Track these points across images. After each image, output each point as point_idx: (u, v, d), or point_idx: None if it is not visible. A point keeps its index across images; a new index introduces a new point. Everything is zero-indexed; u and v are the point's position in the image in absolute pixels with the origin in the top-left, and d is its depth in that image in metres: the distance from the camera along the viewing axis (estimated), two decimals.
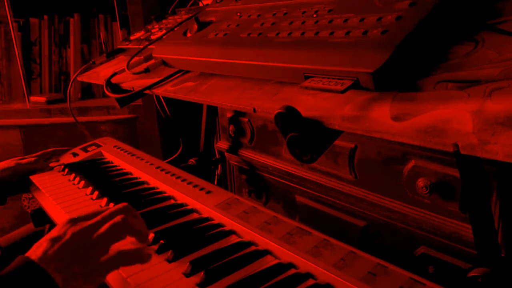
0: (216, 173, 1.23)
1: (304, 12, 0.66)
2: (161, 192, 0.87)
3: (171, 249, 0.63)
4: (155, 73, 0.91)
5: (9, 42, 1.96)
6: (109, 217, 0.59)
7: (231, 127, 1.09)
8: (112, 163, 1.08)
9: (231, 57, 0.69)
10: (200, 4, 1.27)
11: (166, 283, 0.57)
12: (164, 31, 1.03)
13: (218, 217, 0.73)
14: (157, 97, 1.36)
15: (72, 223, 0.57)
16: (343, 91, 0.50)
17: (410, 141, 0.43)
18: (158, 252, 0.64)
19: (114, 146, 1.15)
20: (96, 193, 0.86)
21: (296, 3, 0.70)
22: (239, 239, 0.67)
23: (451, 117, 0.42)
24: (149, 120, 1.65)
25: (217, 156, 1.18)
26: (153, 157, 1.03)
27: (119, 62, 1.20)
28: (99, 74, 1.18)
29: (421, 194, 0.67)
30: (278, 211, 0.88)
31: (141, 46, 1.02)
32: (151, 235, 0.67)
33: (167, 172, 0.92)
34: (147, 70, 0.89)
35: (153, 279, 0.58)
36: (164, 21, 1.17)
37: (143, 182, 0.94)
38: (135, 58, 0.96)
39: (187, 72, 0.89)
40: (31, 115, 1.83)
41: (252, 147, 1.04)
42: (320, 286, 0.54)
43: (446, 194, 0.64)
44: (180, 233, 0.70)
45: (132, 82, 0.97)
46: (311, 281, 0.55)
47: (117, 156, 1.08)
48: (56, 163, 1.09)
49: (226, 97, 0.71)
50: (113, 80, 1.02)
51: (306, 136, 0.53)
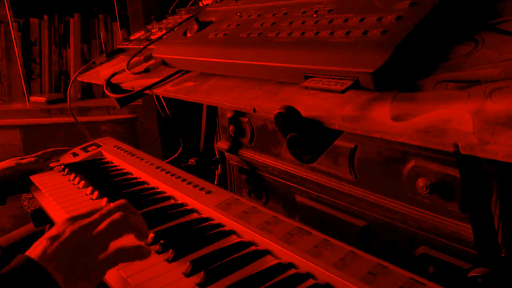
0: (216, 173, 1.23)
1: (304, 12, 0.66)
2: (161, 192, 0.87)
3: (171, 249, 0.63)
4: (155, 73, 0.91)
5: (9, 42, 1.96)
6: (107, 215, 0.59)
7: (231, 127, 1.09)
8: (112, 163, 1.08)
9: (231, 57, 0.69)
10: (200, 4, 1.27)
11: (166, 283, 0.57)
12: (164, 31, 1.04)
13: (218, 217, 0.73)
14: (157, 97, 1.36)
15: (70, 222, 0.57)
16: (343, 91, 0.50)
17: (410, 141, 0.43)
18: (158, 252, 0.64)
19: (114, 146, 1.15)
20: (96, 193, 0.86)
21: (296, 3, 0.70)
22: (239, 239, 0.67)
23: (451, 117, 0.42)
24: (149, 120, 1.65)
25: (217, 156, 1.18)
26: (153, 157, 1.03)
27: (119, 62, 1.20)
28: (99, 74, 1.18)
29: (421, 194, 0.67)
30: (278, 211, 0.88)
31: (141, 46, 1.02)
32: (151, 235, 0.67)
33: (167, 172, 0.92)
34: (147, 70, 0.89)
35: (153, 279, 0.58)
36: (164, 21, 1.17)
37: (143, 182, 0.94)
38: (135, 58, 0.96)
39: (187, 72, 0.89)
40: (31, 115, 1.83)
41: (252, 147, 1.04)
42: (320, 286, 0.54)
43: (446, 194, 0.64)
44: (180, 233, 0.70)
45: (132, 82, 0.97)
46: (311, 281, 0.55)
47: (117, 156, 1.08)
48: (56, 163, 1.09)
49: (226, 97, 0.71)
50: (113, 80, 1.02)
51: (306, 136, 0.53)
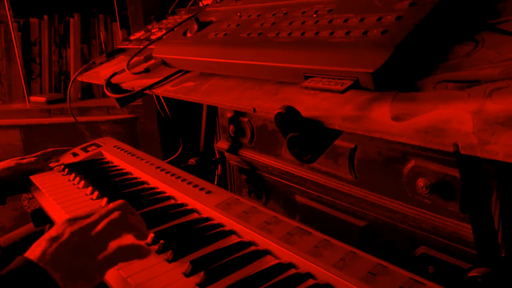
0: (216, 173, 1.23)
1: (304, 12, 0.66)
2: (161, 192, 0.87)
3: (171, 249, 0.63)
4: (155, 73, 0.91)
5: (9, 42, 1.96)
6: (106, 215, 0.59)
7: (231, 127, 1.09)
8: (112, 163, 1.08)
9: (231, 57, 0.69)
10: (200, 4, 1.27)
11: (166, 283, 0.57)
12: (164, 31, 1.03)
13: (218, 217, 0.73)
14: (157, 97, 1.36)
15: (69, 222, 0.57)
16: (343, 91, 0.50)
17: (410, 141, 0.43)
18: (158, 252, 0.64)
19: (114, 146, 1.15)
20: (96, 193, 0.86)
21: (296, 3, 0.70)
22: (239, 239, 0.67)
23: (451, 117, 0.42)
24: (149, 120, 1.65)
25: (217, 156, 1.18)
26: (153, 157, 1.03)
27: (119, 62, 1.20)
28: (99, 74, 1.18)
29: (421, 194, 0.67)
30: (278, 211, 0.88)
31: (141, 46, 1.02)
32: (151, 235, 0.67)
33: (167, 172, 0.92)
34: (147, 70, 0.89)
35: (153, 279, 0.58)
36: (164, 21, 1.17)
37: (143, 182, 0.94)
38: (135, 58, 0.96)
39: (187, 72, 0.89)
40: (31, 115, 1.83)
41: (252, 147, 1.04)
42: (320, 286, 0.54)
43: (446, 194, 0.64)
44: (180, 233, 0.70)
45: (132, 82, 0.97)
46: (311, 281, 0.55)
47: (117, 156, 1.08)
48: (56, 163, 1.09)
49: (226, 97, 0.71)
50: (113, 80, 1.02)
51: (306, 136, 0.53)
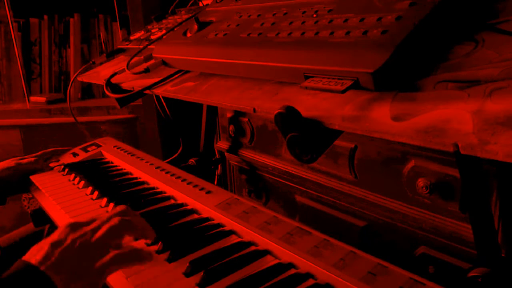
0: (216, 173, 1.23)
1: (304, 12, 0.66)
2: (161, 192, 0.87)
3: (171, 249, 0.63)
4: (155, 73, 0.91)
5: (9, 42, 1.96)
6: (106, 221, 0.60)
7: (231, 127, 1.08)
8: (112, 163, 1.08)
9: (231, 57, 0.69)
10: (200, 4, 1.27)
11: (166, 283, 0.57)
12: (164, 31, 1.03)
13: (218, 217, 0.73)
14: (157, 97, 1.36)
15: (71, 228, 0.57)
16: (343, 91, 0.50)
17: (410, 141, 0.43)
18: (158, 252, 0.64)
19: (114, 146, 1.15)
20: (96, 193, 0.86)
21: (296, 3, 0.70)
22: (239, 239, 0.67)
23: (451, 117, 0.42)
24: (149, 120, 1.65)
25: (217, 156, 1.18)
26: (153, 157, 1.03)
27: (119, 62, 1.20)
28: (99, 74, 1.18)
29: (421, 194, 0.67)
30: (278, 211, 0.88)
31: (141, 46, 1.02)
32: None
33: (167, 172, 0.92)
34: (147, 70, 0.89)
35: (153, 279, 0.58)
36: (164, 21, 1.17)
37: (143, 182, 0.94)
38: (135, 58, 0.96)
39: (187, 72, 0.89)
40: (31, 115, 1.83)
41: (252, 147, 1.04)
42: (320, 286, 0.54)
43: (446, 194, 0.64)
44: (180, 233, 0.70)
45: (132, 82, 0.97)
46: (311, 281, 0.55)
47: (117, 156, 1.08)
48: (56, 163, 1.10)
49: (226, 97, 0.71)
50: (113, 80, 1.02)
51: (306, 136, 0.53)
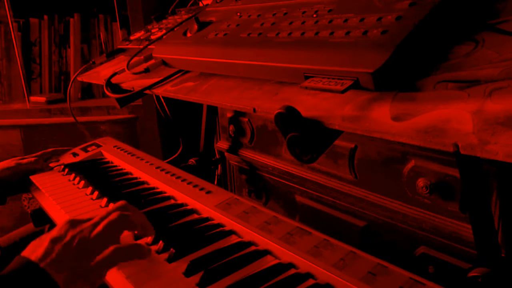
0: (216, 173, 1.23)
1: (304, 12, 0.66)
2: (161, 192, 0.87)
3: (171, 249, 0.63)
4: (155, 73, 0.91)
5: (9, 42, 1.96)
6: (105, 216, 0.60)
7: (231, 127, 1.08)
8: (112, 163, 1.08)
9: (231, 57, 0.69)
10: (200, 4, 1.27)
11: (166, 283, 0.57)
12: (164, 31, 1.03)
13: (218, 217, 0.73)
14: (157, 97, 1.36)
15: (71, 224, 0.57)
16: (343, 91, 0.50)
17: (410, 141, 0.43)
18: (158, 252, 0.64)
19: (114, 146, 1.15)
20: (96, 193, 0.86)
21: (296, 3, 0.70)
22: (239, 239, 0.67)
23: (451, 117, 0.42)
24: (149, 120, 1.65)
25: (217, 156, 1.18)
26: (153, 157, 1.03)
27: (119, 62, 1.20)
28: (99, 74, 1.18)
29: (421, 194, 0.67)
30: (278, 211, 0.88)
31: (141, 46, 1.02)
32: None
33: (167, 172, 0.92)
34: (147, 70, 0.89)
35: (153, 279, 0.58)
36: (164, 21, 1.17)
37: (143, 182, 0.94)
38: (135, 58, 0.96)
39: (187, 72, 0.89)
40: (31, 115, 1.83)
41: (252, 147, 1.04)
42: (320, 286, 0.54)
43: (446, 194, 0.64)
44: (180, 233, 0.70)
45: (132, 82, 0.97)
46: (311, 281, 0.55)
47: (117, 156, 1.08)
48: (56, 163, 1.09)
49: (226, 97, 0.71)
50: (113, 80, 1.02)
51: (306, 136, 0.53)
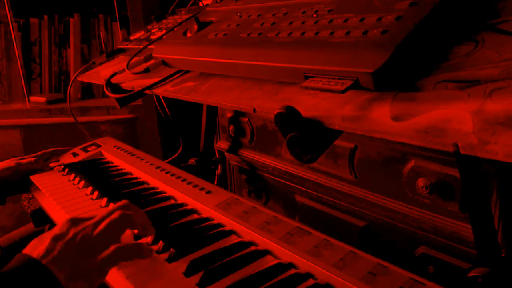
0: (216, 173, 1.23)
1: (304, 12, 0.66)
2: (161, 192, 0.87)
3: (171, 249, 0.63)
4: (155, 73, 0.91)
5: (9, 42, 1.96)
6: (107, 215, 0.60)
7: (231, 127, 1.08)
8: (112, 163, 1.08)
9: (231, 57, 0.69)
10: (200, 4, 1.27)
11: (166, 283, 0.57)
12: (164, 31, 1.03)
13: (218, 217, 0.73)
14: (157, 97, 1.36)
15: (72, 222, 0.57)
16: (343, 91, 0.50)
17: (410, 141, 0.43)
18: (158, 252, 0.64)
19: (114, 146, 1.15)
20: (96, 193, 0.86)
21: (296, 3, 0.70)
22: (239, 239, 0.67)
23: (451, 117, 0.42)
24: (149, 120, 1.65)
25: (217, 156, 1.18)
26: (153, 157, 1.03)
27: (119, 62, 1.20)
28: (99, 74, 1.18)
29: (421, 194, 0.67)
30: (278, 211, 0.88)
31: (141, 46, 1.02)
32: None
33: (167, 172, 0.92)
34: (147, 70, 0.89)
35: (153, 279, 0.58)
36: (164, 21, 1.17)
37: (143, 182, 0.94)
38: (135, 58, 0.96)
39: (187, 72, 0.89)
40: (31, 115, 1.83)
41: (252, 147, 1.04)
42: (320, 286, 0.54)
43: (446, 194, 0.64)
44: (180, 233, 0.70)
45: (132, 82, 0.97)
46: (311, 281, 0.55)
47: (117, 156, 1.08)
48: (56, 163, 1.09)
49: (226, 97, 0.71)
50: (113, 80, 1.02)
51: (306, 136, 0.53)
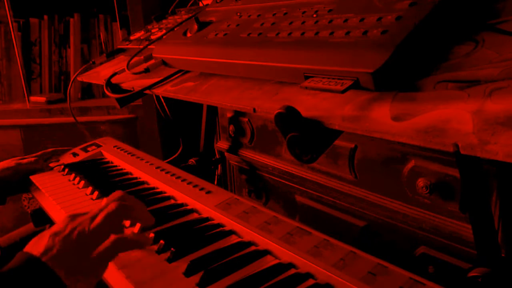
0: (216, 173, 1.23)
1: (304, 12, 0.66)
2: (161, 192, 0.87)
3: (171, 249, 0.63)
4: (155, 73, 0.91)
5: (9, 42, 1.96)
6: (104, 207, 0.60)
7: (231, 127, 1.08)
8: (112, 163, 1.08)
9: (231, 57, 0.69)
10: (200, 4, 1.27)
11: (166, 283, 0.57)
12: (164, 31, 1.03)
13: (218, 217, 0.73)
14: (157, 97, 1.36)
15: (70, 218, 0.58)
16: (343, 91, 0.50)
17: (410, 141, 0.43)
18: (158, 252, 0.64)
19: (114, 146, 1.15)
20: (96, 193, 0.86)
21: (296, 3, 0.70)
22: (239, 239, 0.67)
23: (451, 117, 0.42)
24: (149, 120, 1.65)
25: (217, 156, 1.18)
26: (153, 157, 1.03)
27: (119, 62, 1.20)
28: (99, 74, 1.18)
29: (421, 194, 0.67)
30: (278, 211, 0.88)
31: (141, 46, 1.02)
32: (151, 235, 0.67)
33: (167, 172, 0.92)
34: (147, 70, 0.89)
35: (153, 279, 0.58)
36: (164, 21, 1.17)
37: (143, 182, 0.94)
38: (135, 58, 0.96)
39: (187, 72, 0.89)
40: (31, 115, 1.83)
41: (252, 147, 1.04)
42: (320, 286, 0.54)
43: (446, 194, 0.64)
44: (180, 233, 0.70)
45: (132, 82, 0.97)
46: (311, 281, 0.55)
47: (117, 156, 1.08)
48: (56, 163, 1.09)
49: (226, 97, 0.71)
50: (113, 80, 1.02)
51: (306, 136, 0.53)
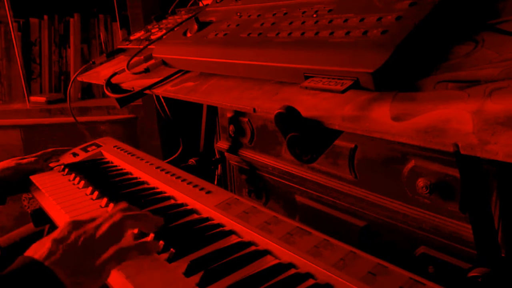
0: (216, 173, 1.23)
1: (304, 12, 0.66)
2: (161, 192, 0.87)
3: (171, 249, 0.63)
4: (155, 73, 0.91)
5: (9, 42, 1.96)
6: (108, 218, 0.60)
7: (231, 127, 1.09)
8: (112, 163, 1.08)
9: (231, 57, 0.69)
10: (200, 4, 1.27)
11: (166, 283, 0.57)
12: (164, 31, 1.03)
13: (218, 217, 0.73)
14: (157, 97, 1.36)
15: (73, 226, 0.58)
16: (343, 91, 0.50)
17: (410, 141, 0.43)
18: (158, 252, 0.64)
19: (114, 146, 1.15)
20: (96, 193, 0.86)
21: (296, 3, 0.70)
22: (239, 239, 0.67)
23: (451, 117, 0.42)
24: (149, 120, 1.65)
25: (217, 156, 1.18)
26: (153, 157, 1.03)
27: (119, 62, 1.20)
28: (99, 74, 1.18)
29: (421, 194, 0.67)
30: (278, 211, 0.88)
31: (141, 46, 1.02)
32: (151, 235, 0.67)
33: (167, 172, 0.92)
34: (147, 70, 0.89)
35: (153, 279, 0.58)
36: (164, 21, 1.17)
37: (143, 182, 0.94)
38: (135, 58, 0.96)
39: (187, 72, 0.89)
40: (31, 115, 1.83)
41: (252, 147, 1.04)
42: (320, 286, 0.54)
43: (446, 194, 0.64)
44: (180, 233, 0.70)
45: (132, 82, 0.97)
46: (311, 281, 0.55)
47: (117, 156, 1.08)
48: (56, 163, 1.09)
49: (226, 97, 0.71)
50: (113, 80, 1.02)
51: (306, 136, 0.53)
